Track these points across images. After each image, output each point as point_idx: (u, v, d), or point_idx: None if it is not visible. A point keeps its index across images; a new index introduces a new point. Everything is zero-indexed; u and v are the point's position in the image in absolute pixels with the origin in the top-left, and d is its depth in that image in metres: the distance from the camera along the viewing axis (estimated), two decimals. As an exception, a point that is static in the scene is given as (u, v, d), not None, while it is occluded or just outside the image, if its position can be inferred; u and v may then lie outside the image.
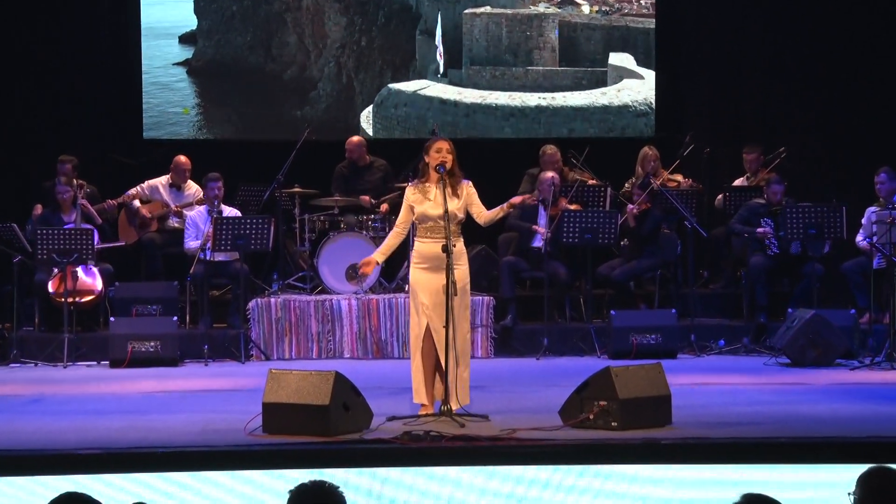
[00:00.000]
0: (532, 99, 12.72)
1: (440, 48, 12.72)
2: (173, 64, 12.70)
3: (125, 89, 12.51)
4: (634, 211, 10.64)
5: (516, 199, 7.48)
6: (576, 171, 11.42)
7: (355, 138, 11.70)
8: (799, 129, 12.33)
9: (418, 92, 12.70)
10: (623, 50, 12.80)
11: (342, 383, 6.60)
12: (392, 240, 7.34)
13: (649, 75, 12.71)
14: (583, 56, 12.82)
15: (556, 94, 12.71)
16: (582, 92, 12.73)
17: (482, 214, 7.23)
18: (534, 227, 10.66)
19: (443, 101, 12.70)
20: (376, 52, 12.82)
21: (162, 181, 11.39)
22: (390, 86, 12.73)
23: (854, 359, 9.59)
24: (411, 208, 7.20)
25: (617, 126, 12.76)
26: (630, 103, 12.72)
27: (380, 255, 7.39)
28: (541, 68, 12.78)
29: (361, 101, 12.76)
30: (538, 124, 12.71)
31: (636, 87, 12.74)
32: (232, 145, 12.61)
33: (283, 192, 11.12)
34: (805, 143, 12.12)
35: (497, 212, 7.26)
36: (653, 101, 12.68)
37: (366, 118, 12.76)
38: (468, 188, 7.22)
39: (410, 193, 7.24)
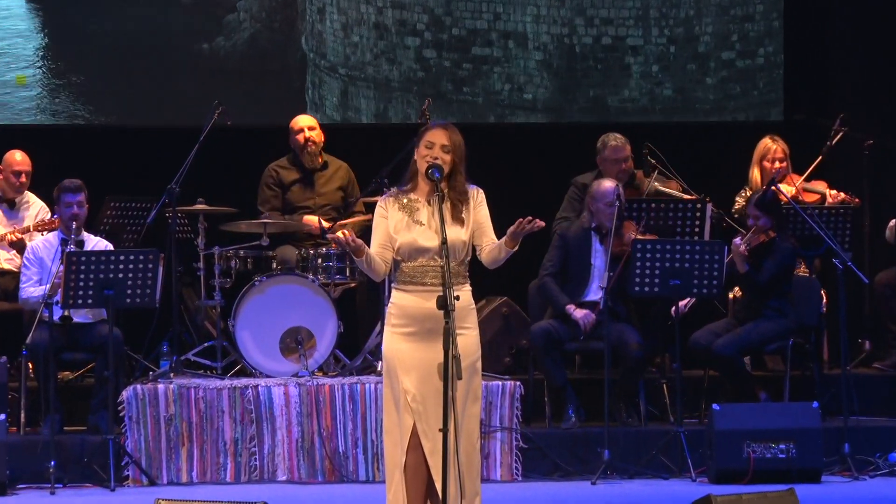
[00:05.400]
0: None
1: None
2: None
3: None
4: (747, 245, 10.62)
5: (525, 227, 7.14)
6: (654, 177, 11.40)
7: (303, 118, 11.70)
8: None
9: None
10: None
11: (273, 523, 6.59)
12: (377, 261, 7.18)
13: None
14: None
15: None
16: None
17: (486, 248, 7.19)
18: (568, 307, 10.54)
19: None
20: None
21: (-16, 193, 11.46)
22: None
23: None
24: (388, 234, 7.16)
25: None
26: None
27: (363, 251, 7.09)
28: None
29: (309, 23, 12.89)
30: None
31: None
32: (97, 134, 12.68)
33: (179, 210, 11.11)
34: None
35: (497, 249, 7.14)
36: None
37: None
38: (477, 199, 7.16)
39: (390, 212, 7.17)
